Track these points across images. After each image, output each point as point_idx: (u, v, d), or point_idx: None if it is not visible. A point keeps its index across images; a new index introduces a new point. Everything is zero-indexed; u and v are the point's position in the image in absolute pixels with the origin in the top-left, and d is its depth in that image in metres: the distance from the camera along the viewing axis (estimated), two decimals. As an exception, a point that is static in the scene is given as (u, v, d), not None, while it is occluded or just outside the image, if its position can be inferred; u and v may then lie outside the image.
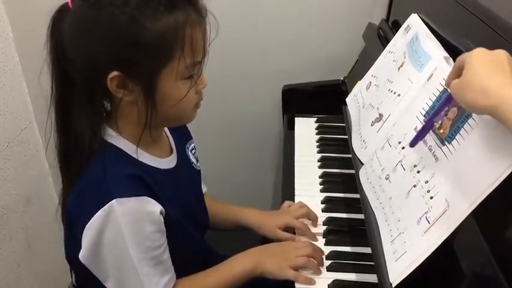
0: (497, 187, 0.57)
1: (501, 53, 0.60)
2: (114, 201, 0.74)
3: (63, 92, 0.79)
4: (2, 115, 1.32)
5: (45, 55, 0.78)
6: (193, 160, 1.00)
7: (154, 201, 0.79)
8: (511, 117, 0.53)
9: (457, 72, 0.64)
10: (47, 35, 0.77)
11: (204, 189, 1.08)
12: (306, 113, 1.44)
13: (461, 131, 0.66)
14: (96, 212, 0.74)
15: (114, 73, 0.74)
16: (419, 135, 0.76)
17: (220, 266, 0.91)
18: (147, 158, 0.84)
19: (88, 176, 0.79)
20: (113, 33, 0.72)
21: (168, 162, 0.89)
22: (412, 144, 0.77)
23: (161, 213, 0.80)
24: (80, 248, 0.78)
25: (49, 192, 1.57)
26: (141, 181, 0.78)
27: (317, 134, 1.35)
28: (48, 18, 0.77)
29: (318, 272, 0.90)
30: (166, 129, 0.94)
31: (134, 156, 0.81)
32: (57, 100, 0.80)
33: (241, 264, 0.90)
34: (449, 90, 0.67)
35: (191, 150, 1.00)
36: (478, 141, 0.63)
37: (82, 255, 0.78)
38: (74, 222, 0.80)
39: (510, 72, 0.57)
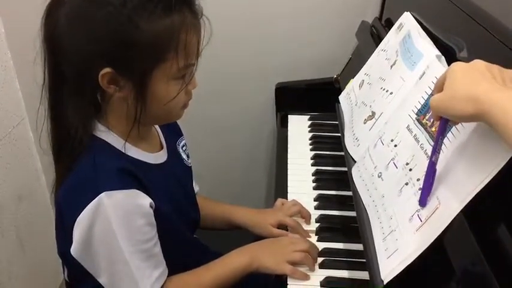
0: (487, 184, 0.58)
1: (479, 63, 0.61)
2: (103, 194, 0.74)
3: (55, 82, 0.79)
4: (-6, 112, 1.31)
5: (39, 45, 0.77)
6: (184, 156, 1.00)
7: (144, 194, 0.79)
8: (501, 121, 0.53)
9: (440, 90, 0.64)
10: (41, 23, 0.77)
11: (196, 188, 1.08)
12: (299, 110, 1.44)
13: (453, 130, 0.67)
14: (86, 206, 0.74)
15: (106, 69, 0.74)
16: (426, 190, 0.67)
17: (215, 263, 0.91)
18: (136, 152, 0.84)
19: (78, 170, 0.79)
20: (109, 32, 0.72)
21: (158, 157, 0.89)
22: (422, 203, 0.68)
23: (151, 206, 0.80)
24: (71, 242, 0.78)
25: (41, 189, 1.56)
26: (130, 174, 0.78)
27: (310, 131, 1.36)
28: (41, 13, 0.76)
29: (313, 268, 0.90)
30: (156, 126, 0.94)
31: (126, 152, 0.81)
32: (49, 90, 0.80)
33: (236, 260, 0.90)
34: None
35: (182, 147, 1.00)
36: (468, 140, 0.64)
37: (73, 250, 0.78)
38: (64, 216, 0.80)
39: (492, 78, 0.58)
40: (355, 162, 0.97)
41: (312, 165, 1.21)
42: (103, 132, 0.81)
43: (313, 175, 1.18)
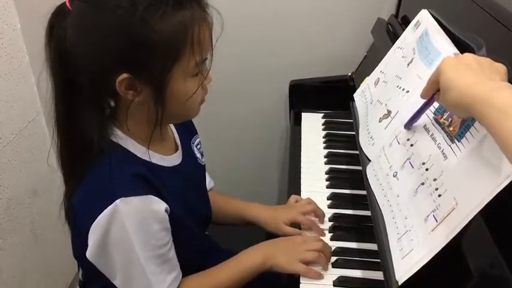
0: (506, 186, 0.57)
1: (467, 56, 0.66)
2: (118, 200, 0.74)
3: (66, 96, 0.78)
4: (10, 106, 1.32)
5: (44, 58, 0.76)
6: (198, 155, 1.00)
7: (159, 200, 0.79)
8: (483, 113, 0.56)
9: (433, 85, 0.69)
10: (45, 39, 0.75)
11: (211, 184, 1.08)
12: (313, 108, 1.44)
13: (471, 129, 0.66)
14: (101, 212, 0.74)
15: (124, 75, 0.73)
16: (414, 118, 0.81)
17: (227, 262, 0.91)
18: (152, 156, 0.83)
19: (93, 176, 0.78)
20: (122, 37, 0.70)
21: (173, 160, 0.89)
22: (406, 126, 0.83)
23: (166, 211, 0.80)
24: (86, 246, 0.78)
25: (56, 184, 1.57)
26: (145, 180, 0.78)
27: (324, 129, 1.35)
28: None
29: (326, 268, 0.90)
30: (171, 125, 0.94)
31: (143, 157, 0.81)
32: (59, 104, 0.79)
33: (250, 258, 0.90)
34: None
35: (196, 146, 1.00)
36: (487, 139, 0.63)
37: (89, 254, 0.78)
38: (80, 221, 0.80)
39: (480, 71, 0.62)
40: (369, 161, 0.96)
41: (326, 163, 1.21)
42: (122, 138, 0.80)
43: (326, 173, 1.17)
